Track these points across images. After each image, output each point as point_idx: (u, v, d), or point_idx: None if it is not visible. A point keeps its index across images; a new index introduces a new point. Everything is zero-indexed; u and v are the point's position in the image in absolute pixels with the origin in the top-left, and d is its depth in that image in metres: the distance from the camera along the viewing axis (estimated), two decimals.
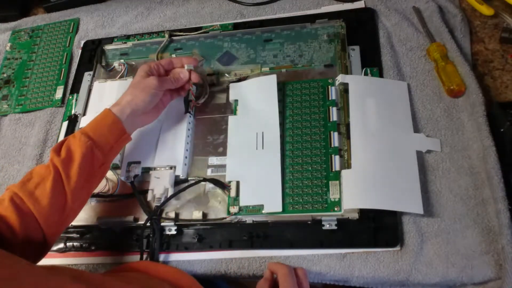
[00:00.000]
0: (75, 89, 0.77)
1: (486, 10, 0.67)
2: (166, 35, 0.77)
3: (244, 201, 0.58)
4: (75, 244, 0.62)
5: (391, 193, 0.55)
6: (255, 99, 0.65)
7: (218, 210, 0.60)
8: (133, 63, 0.77)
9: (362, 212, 0.55)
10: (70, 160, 0.53)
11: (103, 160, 0.56)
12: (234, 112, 0.65)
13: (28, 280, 0.38)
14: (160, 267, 0.58)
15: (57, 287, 0.40)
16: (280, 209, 0.57)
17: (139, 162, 0.64)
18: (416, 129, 0.60)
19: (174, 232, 0.60)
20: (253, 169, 0.60)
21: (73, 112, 0.73)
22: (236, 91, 0.67)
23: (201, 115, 0.68)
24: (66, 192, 0.53)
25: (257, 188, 0.58)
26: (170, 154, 0.64)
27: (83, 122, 0.70)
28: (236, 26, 0.76)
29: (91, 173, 0.55)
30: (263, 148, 0.61)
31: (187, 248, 0.59)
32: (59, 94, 0.78)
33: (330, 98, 0.63)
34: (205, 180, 0.61)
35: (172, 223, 0.60)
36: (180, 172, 0.62)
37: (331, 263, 0.55)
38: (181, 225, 0.60)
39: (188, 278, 0.55)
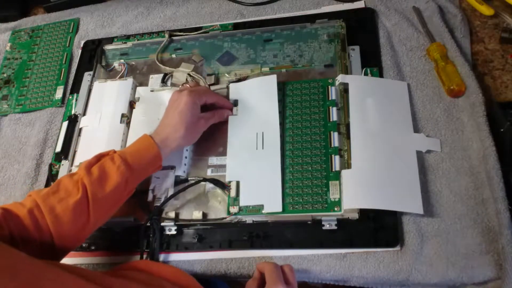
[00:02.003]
0: (75, 89, 0.77)
1: (486, 10, 0.67)
2: (166, 35, 0.77)
3: (244, 201, 0.58)
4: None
5: (391, 193, 0.55)
6: (255, 99, 0.65)
7: (218, 210, 0.60)
8: (133, 63, 0.77)
9: (362, 212, 0.55)
10: (102, 185, 0.52)
11: (133, 188, 0.57)
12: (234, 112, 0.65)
13: (25, 271, 0.38)
14: (160, 266, 0.58)
15: (53, 278, 0.40)
16: (280, 209, 0.57)
17: None
18: (416, 129, 0.60)
19: (174, 232, 0.60)
20: (253, 169, 0.60)
21: (73, 112, 0.73)
22: (236, 91, 0.67)
23: None
24: (90, 214, 0.52)
25: (257, 188, 0.58)
26: (170, 154, 0.63)
27: (83, 122, 0.70)
28: (236, 26, 0.76)
29: (119, 199, 0.56)
30: (263, 148, 0.61)
31: (187, 248, 0.59)
32: (59, 94, 0.78)
33: (330, 98, 0.63)
34: (205, 180, 0.61)
35: (172, 223, 0.60)
36: (180, 172, 0.62)
37: (331, 263, 0.55)
38: (181, 225, 0.60)
39: (188, 278, 0.55)
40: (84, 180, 0.52)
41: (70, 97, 0.76)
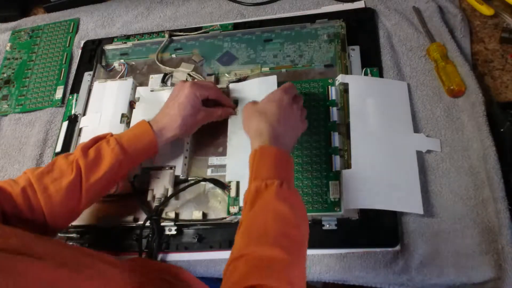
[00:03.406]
0: (75, 89, 0.77)
1: (486, 10, 0.67)
2: (166, 35, 0.77)
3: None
4: (75, 244, 0.62)
5: (391, 193, 0.55)
6: (256, 99, 0.64)
7: (218, 210, 0.60)
8: (133, 63, 0.77)
9: (362, 212, 0.55)
10: (96, 166, 0.53)
11: (126, 172, 0.57)
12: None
13: (41, 249, 0.39)
14: (158, 263, 0.58)
15: (71, 257, 0.41)
16: None
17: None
18: (416, 129, 0.60)
19: (174, 232, 0.60)
20: None
21: (73, 112, 0.73)
22: (236, 91, 0.67)
23: None
24: (82, 194, 0.53)
25: None
26: (170, 154, 0.64)
27: (83, 122, 0.70)
28: (236, 26, 0.76)
29: (111, 181, 0.56)
30: None
31: (187, 248, 0.59)
32: (59, 94, 0.78)
33: (330, 98, 0.63)
34: (205, 180, 0.61)
35: (172, 223, 0.60)
36: (180, 172, 0.62)
37: (331, 263, 0.55)
38: (181, 225, 0.60)
39: (187, 273, 0.55)
40: (79, 161, 0.53)
41: (70, 97, 0.76)
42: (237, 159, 0.61)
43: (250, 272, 0.39)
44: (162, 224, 0.60)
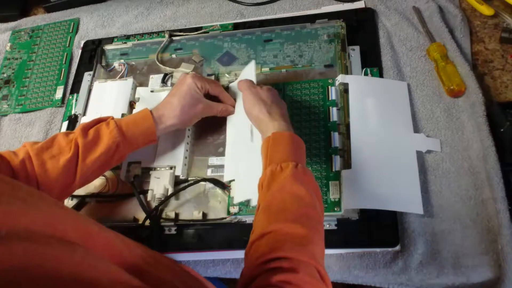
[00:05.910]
0: (75, 89, 0.77)
1: (486, 10, 0.67)
2: (166, 35, 0.77)
3: (238, 197, 0.57)
4: None
5: (391, 193, 0.55)
6: None
7: (218, 210, 0.60)
8: (133, 63, 0.77)
9: (362, 212, 0.55)
10: (93, 146, 0.54)
11: (123, 155, 0.58)
12: None
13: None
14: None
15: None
16: None
17: (139, 162, 0.64)
18: (416, 129, 0.60)
19: (174, 232, 0.60)
20: (250, 166, 0.59)
21: (73, 112, 0.73)
22: (235, 91, 0.66)
23: None
24: (77, 173, 0.54)
25: (255, 184, 0.58)
26: (170, 154, 0.64)
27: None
28: (236, 26, 0.76)
29: (107, 163, 0.57)
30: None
31: (187, 248, 0.59)
32: (59, 94, 0.78)
33: (330, 98, 0.63)
34: (205, 180, 0.61)
35: (172, 223, 0.60)
36: (180, 172, 0.62)
37: (331, 263, 0.55)
38: (181, 225, 0.60)
39: (195, 272, 0.56)
40: (78, 140, 0.54)
41: (70, 97, 0.76)
42: (234, 158, 0.61)
43: (273, 247, 0.40)
44: (162, 224, 0.60)
